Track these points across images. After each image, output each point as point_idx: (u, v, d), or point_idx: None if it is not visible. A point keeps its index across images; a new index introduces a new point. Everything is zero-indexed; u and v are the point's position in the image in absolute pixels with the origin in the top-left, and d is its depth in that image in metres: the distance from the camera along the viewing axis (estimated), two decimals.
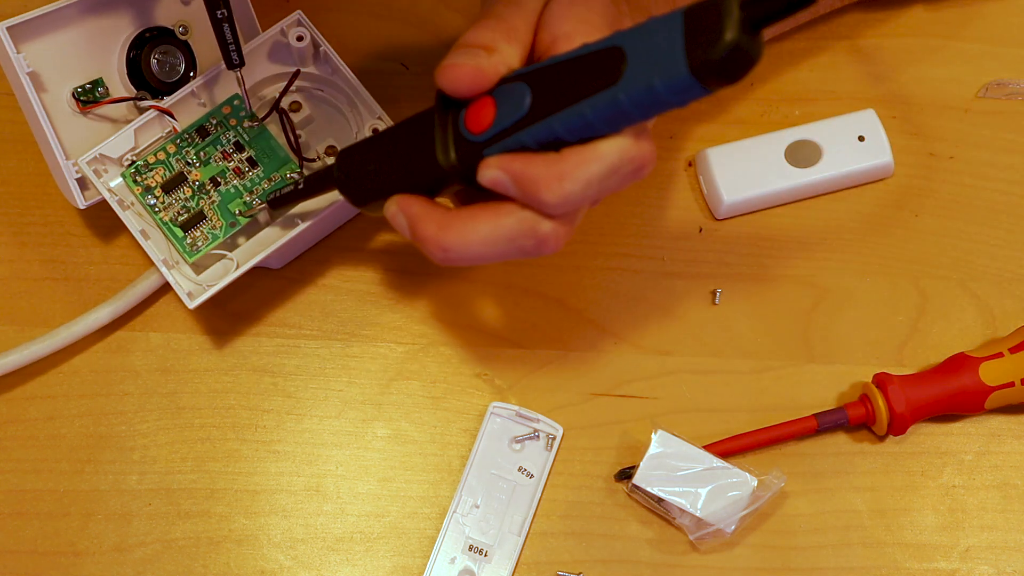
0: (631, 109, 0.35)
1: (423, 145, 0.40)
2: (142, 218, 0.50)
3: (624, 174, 0.37)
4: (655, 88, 0.34)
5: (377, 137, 0.43)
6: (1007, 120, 0.58)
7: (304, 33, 0.51)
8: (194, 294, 0.48)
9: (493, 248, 0.39)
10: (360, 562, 0.50)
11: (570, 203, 0.37)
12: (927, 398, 0.50)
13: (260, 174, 0.51)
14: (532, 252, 0.39)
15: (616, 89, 0.35)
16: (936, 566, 0.50)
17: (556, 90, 0.36)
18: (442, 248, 0.39)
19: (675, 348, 0.54)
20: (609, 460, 0.52)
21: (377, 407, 0.52)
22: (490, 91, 0.38)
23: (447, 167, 0.39)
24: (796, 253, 0.55)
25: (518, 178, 0.37)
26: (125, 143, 0.50)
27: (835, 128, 0.56)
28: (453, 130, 0.39)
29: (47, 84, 0.50)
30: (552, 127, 0.36)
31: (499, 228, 0.38)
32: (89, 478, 0.51)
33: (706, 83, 0.33)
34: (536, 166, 0.37)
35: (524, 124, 0.37)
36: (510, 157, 0.37)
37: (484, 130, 0.38)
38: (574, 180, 0.36)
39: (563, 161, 0.37)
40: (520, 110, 0.37)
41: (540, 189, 0.37)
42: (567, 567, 0.50)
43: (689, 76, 0.33)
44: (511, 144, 0.37)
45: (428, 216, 0.40)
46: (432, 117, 0.40)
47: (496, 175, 0.37)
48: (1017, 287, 0.55)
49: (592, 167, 0.36)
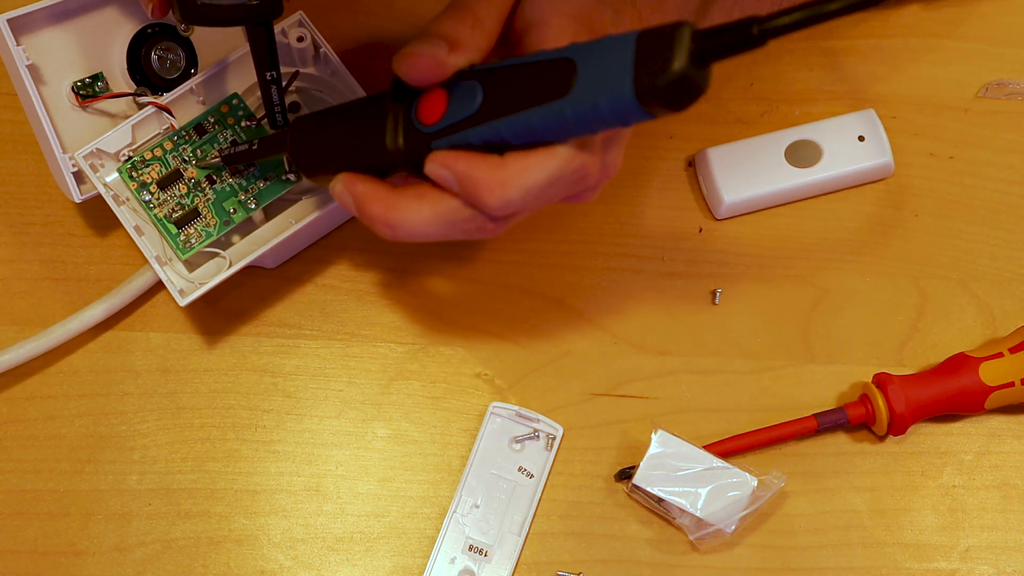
0: (575, 123, 0.35)
1: (373, 127, 0.40)
2: (137, 214, 0.50)
3: (565, 184, 0.38)
4: (599, 106, 0.34)
5: (331, 111, 0.43)
6: (1007, 120, 0.58)
7: (305, 34, 0.51)
8: (186, 291, 0.48)
9: (437, 227, 0.40)
10: (360, 562, 0.50)
11: (509, 209, 0.38)
12: (927, 398, 0.51)
13: (255, 172, 0.51)
14: (475, 234, 0.40)
15: (563, 102, 0.35)
16: (936, 566, 0.50)
17: (506, 93, 0.37)
18: (389, 226, 0.40)
19: (675, 348, 0.53)
20: (609, 460, 0.52)
21: (377, 407, 0.52)
22: (445, 84, 0.39)
23: (394, 152, 0.40)
24: (796, 253, 0.55)
25: (461, 178, 0.38)
26: (122, 138, 0.50)
27: (835, 128, 0.56)
28: (404, 118, 0.40)
29: (46, 77, 0.50)
30: (498, 130, 0.37)
31: (442, 209, 0.39)
32: (89, 478, 0.51)
33: (649, 108, 0.34)
34: (479, 169, 0.37)
35: (472, 123, 0.38)
36: (455, 155, 0.38)
37: (434, 122, 0.38)
38: (514, 187, 0.37)
39: (505, 167, 0.37)
40: (470, 108, 0.38)
41: (481, 192, 0.37)
42: (567, 567, 0.50)
43: (633, 99, 0.33)
44: (458, 140, 0.38)
45: (374, 195, 0.40)
46: (386, 101, 0.40)
47: (440, 171, 0.38)
48: (1017, 287, 0.55)
49: (533, 176, 0.37)
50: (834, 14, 0.31)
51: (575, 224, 0.55)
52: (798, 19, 0.31)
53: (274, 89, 0.45)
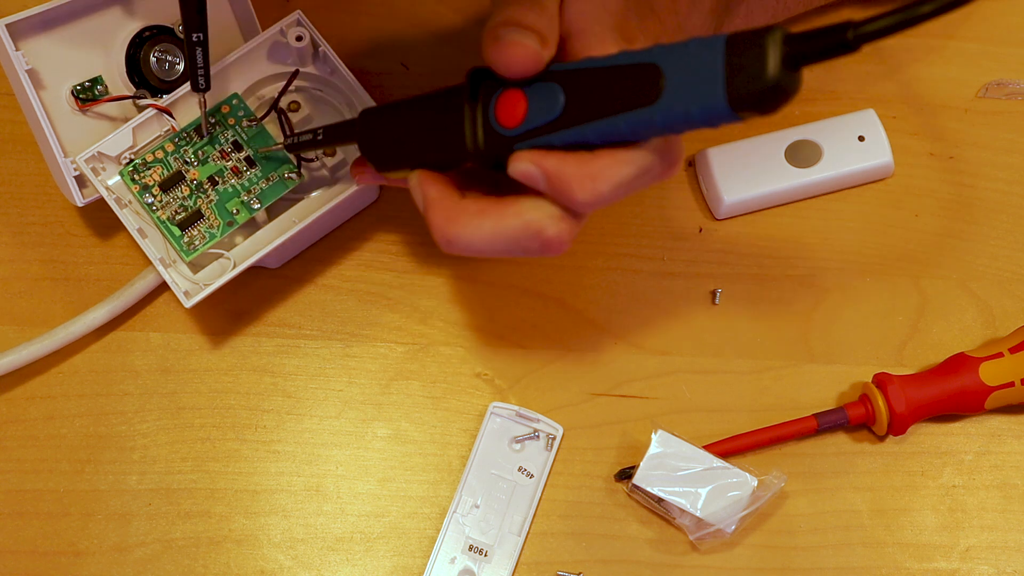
0: (664, 127, 0.35)
1: (451, 125, 0.40)
2: (140, 216, 0.50)
3: (652, 176, 0.38)
4: (691, 114, 0.34)
5: (403, 104, 0.43)
6: (1007, 120, 0.58)
7: (303, 33, 0.51)
8: (191, 293, 0.48)
9: (496, 246, 0.39)
10: (360, 562, 0.50)
11: (601, 202, 0.37)
12: (927, 398, 0.51)
13: (258, 173, 0.51)
14: (535, 252, 0.39)
15: (653, 109, 0.35)
16: (936, 566, 0.50)
17: (590, 98, 0.36)
18: (446, 239, 0.40)
19: (675, 348, 0.53)
20: (609, 460, 0.52)
21: (377, 407, 0.52)
22: (523, 85, 0.38)
23: (473, 152, 0.39)
24: (796, 253, 0.55)
25: (550, 175, 0.37)
26: (123, 141, 0.49)
27: (835, 128, 0.56)
28: (483, 118, 0.39)
29: (46, 82, 0.50)
30: (584, 134, 0.36)
31: (504, 229, 0.39)
32: (89, 478, 0.51)
33: (741, 114, 0.33)
34: (569, 165, 0.37)
35: (556, 127, 0.37)
36: (543, 153, 0.37)
37: (515, 126, 0.38)
38: (606, 181, 0.37)
39: (595, 162, 0.37)
40: (553, 112, 0.37)
41: (573, 188, 0.37)
42: (567, 567, 0.50)
43: (726, 107, 0.33)
44: (540, 143, 0.38)
45: (440, 204, 0.40)
46: (461, 97, 0.40)
47: (529, 169, 0.38)
48: (1017, 287, 0.55)
49: (624, 170, 0.37)
50: (928, 15, 0.30)
51: None
52: (893, 23, 0.31)
53: (199, 51, 0.45)
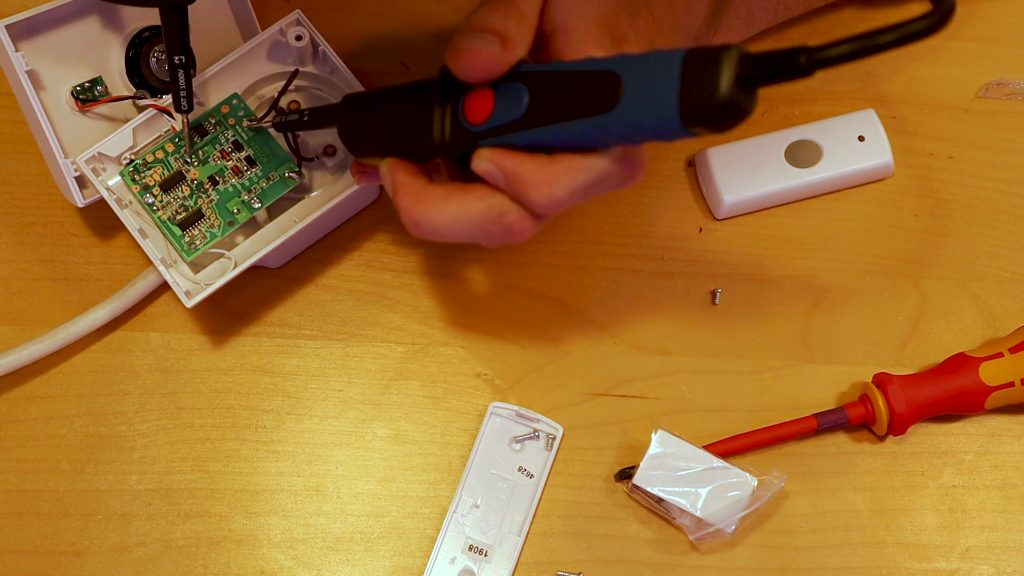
0: (618, 137, 0.36)
1: (421, 117, 0.41)
2: (140, 217, 0.50)
3: (610, 184, 0.39)
4: (643, 125, 0.35)
5: (381, 93, 0.43)
6: (1007, 120, 0.58)
7: (303, 32, 0.51)
8: (192, 293, 0.48)
9: (460, 229, 0.40)
10: (360, 562, 0.50)
11: (556, 206, 0.38)
12: (927, 398, 0.50)
13: (258, 173, 0.51)
14: (499, 238, 0.40)
15: (607, 118, 0.35)
16: (936, 566, 0.50)
17: (552, 101, 0.37)
18: (412, 222, 0.41)
19: (675, 348, 0.53)
20: (609, 460, 0.52)
21: (377, 407, 0.52)
22: (492, 85, 0.39)
23: (440, 145, 0.40)
24: (796, 253, 0.55)
25: (509, 175, 0.38)
26: (123, 142, 0.50)
27: (835, 128, 0.56)
28: (452, 113, 0.40)
29: (46, 82, 0.50)
30: (542, 136, 0.37)
31: (468, 212, 0.39)
32: (89, 478, 0.51)
33: (693, 129, 0.34)
34: (527, 167, 0.38)
35: (517, 127, 0.38)
36: (503, 153, 0.38)
37: (481, 122, 0.39)
38: (562, 186, 0.38)
39: (553, 166, 0.38)
40: (516, 112, 0.38)
41: (529, 190, 0.38)
42: (567, 567, 0.50)
43: (677, 121, 0.34)
44: (502, 141, 0.38)
45: (407, 187, 0.41)
46: (433, 91, 0.41)
47: (488, 167, 0.39)
48: (1017, 287, 0.55)
49: (580, 176, 0.38)
50: (885, 47, 0.31)
51: (575, 224, 0.55)
52: (848, 51, 0.31)
53: (181, 73, 0.46)
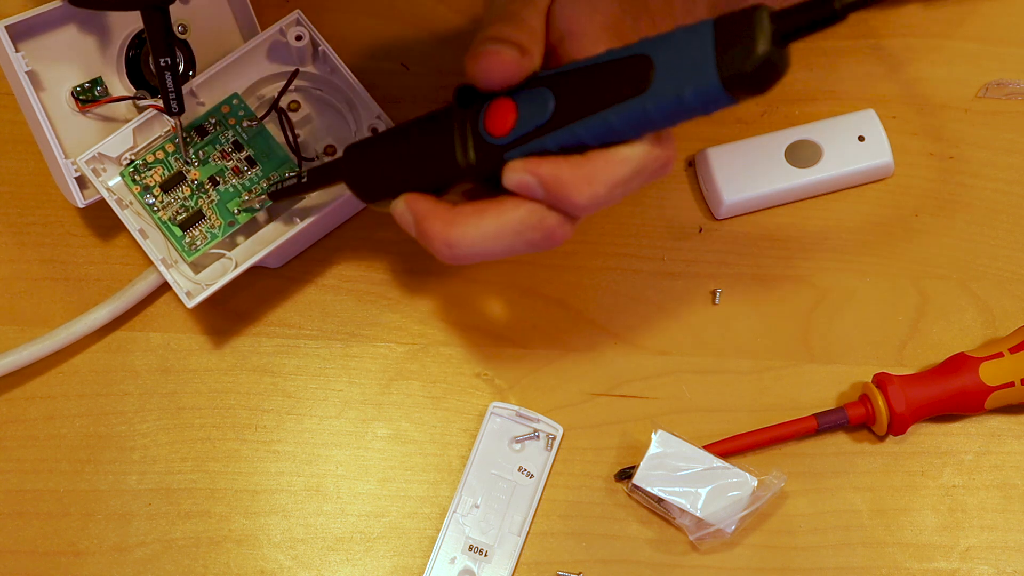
0: (657, 117, 0.35)
1: (440, 145, 0.40)
2: (141, 217, 0.50)
3: (648, 174, 0.38)
4: (684, 98, 0.34)
5: (387, 134, 0.43)
6: (1007, 120, 0.58)
7: (303, 32, 0.51)
8: (193, 293, 0.48)
9: (500, 242, 0.39)
10: (360, 562, 0.50)
11: (598, 204, 0.37)
12: (927, 398, 0.50)
13: (259, 173, 0.51)
14: (540, 245, 0.39)
15: (644, 98, 0.35)
16: (936, 566, 0.50)
17: (580, 96, 0.36)
18: (448, 244, 0.39)
19: (675, 348, 0.53)
20: (609, 460, 0.52)
21: (377, 407, 0.52)
22: (511, 94, 0.38)
23: (465, 167, 0.39)
24: (796, 253, 0.55)
25: (546, 181, 0.37)
26: (124, 142, 0.50)
27: (835, 128, 0.56)
28: (472, 132, 0.39)
29: (46, 83, 0.50)
30: (576, 133, 0.36)
31: (507, 222, 0.38)
32: (89, 478, 0.51)
33: (735, 94, 0.33)
34: (563, 169, 0.37)
35: (547, 129, 0.37)
36: (536, 160, 0.37)
37: (505, 133, 0.38)
38: (602, 183, 0.37)
39: (590, 163, 0.37)
40: (543, 115, 0.37)
41: (570, 192, 0.37)
42: (567, 567, 0.50)
43: (719, 87, 0.33)
44: (533, 148, 0.37)
45: (434, 213, 0.39)
46: (450, 116, 0.40)
47: (524, 178, 0.37)
48: (1017, 287, 0.55)
49: (619, 170, 0.37)
50: None
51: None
52: None
53: (168, 76, 0.45)
